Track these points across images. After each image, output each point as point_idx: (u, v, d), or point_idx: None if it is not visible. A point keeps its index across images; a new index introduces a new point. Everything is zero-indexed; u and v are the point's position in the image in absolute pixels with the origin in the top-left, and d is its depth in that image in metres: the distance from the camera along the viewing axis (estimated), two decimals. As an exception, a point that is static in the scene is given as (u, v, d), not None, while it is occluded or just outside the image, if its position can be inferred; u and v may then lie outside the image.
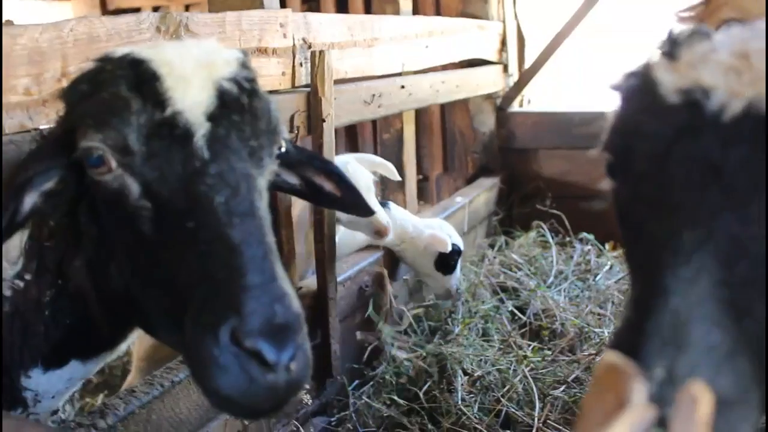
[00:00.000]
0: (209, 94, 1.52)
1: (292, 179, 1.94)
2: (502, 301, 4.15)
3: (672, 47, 1.14)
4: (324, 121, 3.04)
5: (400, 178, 3.83)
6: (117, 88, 1.50)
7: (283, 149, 1.69)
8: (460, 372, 3.33)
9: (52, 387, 1.89)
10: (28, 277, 1.76)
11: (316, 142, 3.06)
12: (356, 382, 3.47)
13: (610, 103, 1.27)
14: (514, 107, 5.69)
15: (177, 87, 1.50)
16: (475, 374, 3.32)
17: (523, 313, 4.04)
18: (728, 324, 0.93)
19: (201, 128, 1.48)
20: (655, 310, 0.93)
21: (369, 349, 3.56)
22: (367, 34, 3.53)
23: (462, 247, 3.94)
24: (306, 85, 3.05)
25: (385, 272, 3.74)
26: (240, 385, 1.32)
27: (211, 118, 1.50)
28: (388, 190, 4.70)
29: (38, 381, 1.85)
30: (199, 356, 1.34)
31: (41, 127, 1.91)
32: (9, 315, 1.77)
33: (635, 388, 0.76)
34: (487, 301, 4.10)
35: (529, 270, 4.50)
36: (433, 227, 3.99)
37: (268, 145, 1.59)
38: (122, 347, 1.97)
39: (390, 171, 3.71)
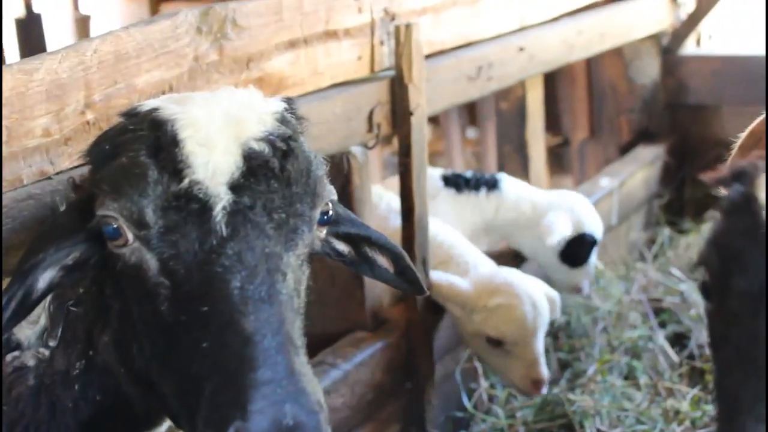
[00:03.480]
0: (234, 159, 1.73)
1: (340, 246, 2.16)
2: (658, 327, 4.23)
3: None
4: (412, 114, 3.22)
5: None
6: (136, 153, 1.74)
7: (331, 214, 1.92)
8: (591, 430, 3.48)
9: None
10: (52, 343, 2.05)
11: (403, 143, 3.26)
12: (459, 436, 3.70)
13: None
14: (688, 49, 5.63)
15: (198, 152, 1.72)
16: (611, 435, 3.47)
17: (684, 346, 4.12)
18: None
19: (221, 200, 1.70)
20: None
21: (478, 393, 3.76)
22: (472, -13, 3.65)
23: (598, 235, 4.08)
24: (389, 68, 3.23)
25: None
26: None
27: (234, 187, 1.71)
28: (507, 168, 4.81)
29: None
30: None
31: (64, 169, 2.20)
32: (34, 389, 2.07)
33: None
34: (637, 327, 4.19)
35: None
36: (561, 206, 4.10)
37: (305, 212, 1.81)
38: (162, 429, 2.27)
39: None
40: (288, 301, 1.73)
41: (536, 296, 3.48)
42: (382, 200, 3.84)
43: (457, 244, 3.70)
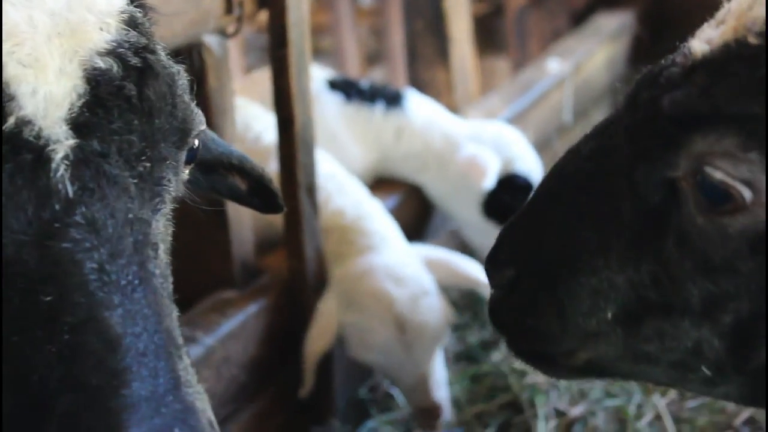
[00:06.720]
0: (73, 84, 1.67)
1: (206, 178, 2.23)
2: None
3: None
4: (288, -17, 3.19)
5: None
6: None
7: (197, 146, 1.90)
8: (545, 410, 3.58)
9: None
10: None
11: (276, 27, 3.23)
12: (366, 425, 3.77)
13: None
14: None
15: (23, 76, 1.63)
16: (571, 414, 3.57)
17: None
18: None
19: (61, 147, 1.64)
20: None
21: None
22: None
23: (534, 177, 4.14)
24: None
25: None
26: None
27: (78, 126, 1.66)
28: (419, 62, 4.78)
29: None
30: None
31: None
32: None
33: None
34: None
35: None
36: (481, 138, 4.19)
37: (171, 155, 1.78)
38: None
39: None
40: (163, 285, 1.72)
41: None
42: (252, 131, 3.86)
43: (373, 213, 3.72)
